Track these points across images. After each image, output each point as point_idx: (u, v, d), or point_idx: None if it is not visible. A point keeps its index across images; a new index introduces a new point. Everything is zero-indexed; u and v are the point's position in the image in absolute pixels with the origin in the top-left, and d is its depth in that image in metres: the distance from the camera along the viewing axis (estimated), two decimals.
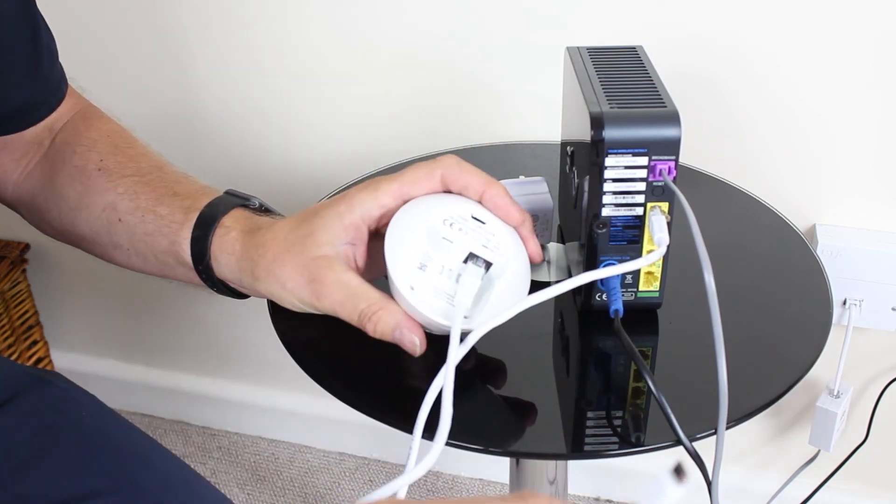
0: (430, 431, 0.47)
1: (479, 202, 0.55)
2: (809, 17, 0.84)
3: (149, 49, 1.06)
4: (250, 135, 1.09)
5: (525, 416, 0.55)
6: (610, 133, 0.54)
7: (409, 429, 0.49)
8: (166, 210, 0.59)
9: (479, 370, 0.58)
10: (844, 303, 0.95)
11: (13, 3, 0.60)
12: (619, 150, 0.55)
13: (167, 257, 0.60)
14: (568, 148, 0.66)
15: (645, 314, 0.62)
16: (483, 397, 0.57)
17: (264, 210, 0.61)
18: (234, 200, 0.59)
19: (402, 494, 0.40)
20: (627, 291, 0.60)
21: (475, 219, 0.54)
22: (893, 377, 1.01)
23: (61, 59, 0.66)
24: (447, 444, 0.45)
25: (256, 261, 0.55)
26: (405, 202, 0.54)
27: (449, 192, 0.55)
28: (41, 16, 0.63)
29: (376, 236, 0.55)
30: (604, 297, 0.60)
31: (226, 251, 0.57)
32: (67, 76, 0.68)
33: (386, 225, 0.54)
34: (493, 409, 0.56)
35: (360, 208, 0.53)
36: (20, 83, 0.63)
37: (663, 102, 0.56)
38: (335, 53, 0.99)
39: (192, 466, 0.67)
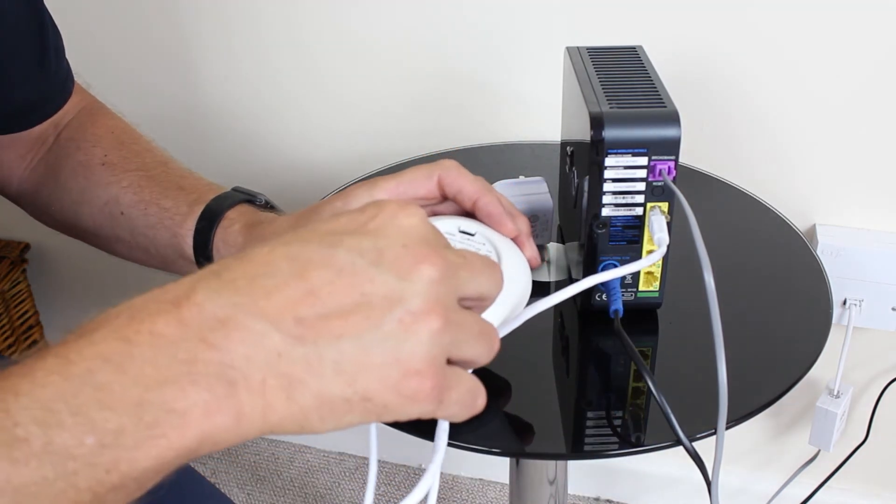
0: (430, 432, 0.47)
1: (472, 210, 0.53)
2: (810, 16, 0.84)
3: (153, 47, 1.06)
4: (253, 132, 1.09)
5: (525, 416, 0.55)
6: (610, 133, 0.54)
7: (409, 429, 0.49)
8: (171, 203, 0.60)
9: (478, 372, 0.58)
10: (844, 303, 0.95)
11: (21, 2, 0.60)
12: (619, 150, 0.55)
13: (168, 250, 0.60)
14: (568, 148, 0.66)
15: (645, 314, 0.62)
16: None
17: (270, 208, 0.61)
18: (240, 196, 0.59)
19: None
20: (627, 291, 0.60)
21: (463, 232, 0.52)
22: (893, 377, 1.01)
23: (67, 55, 0.66)
24: (447, 444, 0.45)
25: None
26: None
27: (444, 197, 0.54)
28: (48, 14, 0.63)
29: None
30: (604, 297, 0.60)
31: (228, 243, 0.57)
32: (73, 72, 0.68)
33: None
34: (493, 409, 0.56)
35: (356, 203, 0.52)
36: (27, 82, 0.63)
37: (663, 102, 0.56)
38: (338, 53, 0.99)
39: (192, 466, 0.67)
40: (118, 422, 0.30)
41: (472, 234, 0.52)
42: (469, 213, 0.55)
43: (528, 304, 0.49)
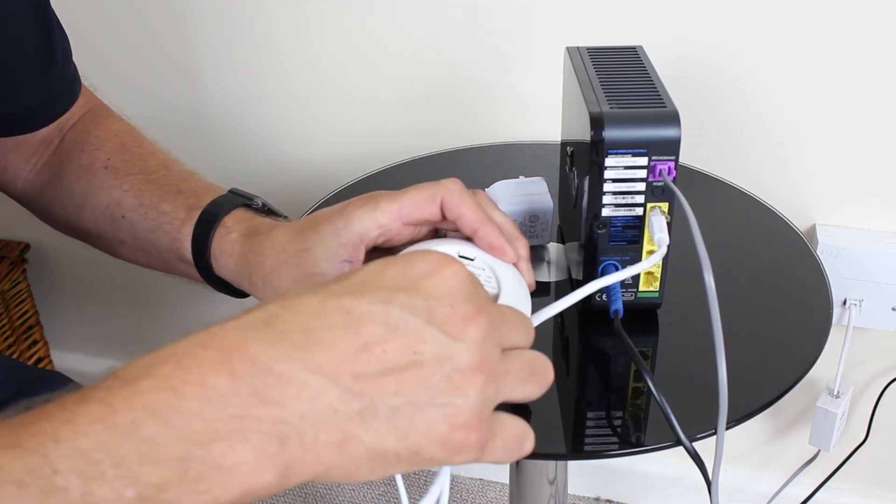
0: None
1: (472, 237, 0.52)
2: (810, 16, 0.84)
3: (158, 47, 1.06)
4: (255, 132, 1.09)
5: (524, 415, 0.55)
6: (610, 133, 0.54)
7: None
8: (169, 207, 0.59)
9: None
10: (844, 303, 0.95)
11: (28, 5, 0.60)
12: (619, 150, 0.55)
13: (169, 254, 0.60)
14: (568, 148, 0.67)
15: (645, 314, 0.62)
16: None
17: (267, 210, 0.61)
18: (236, 200, 0.59)
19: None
20: (627, 291, 0.60)
21: (462, 257, 0.51)
22: (893, 377, 1.01)
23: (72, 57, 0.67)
24: None
25: (254, 268, 0.55)
26: (404, 224, 0.52)
27: (444, 218, 0.53)
28: (55, 17, 0.63)
29: (372, 251, 0.53)
30: (604, 297, 0.60)
31: (225, 252, 0.57)
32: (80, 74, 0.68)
33: (384, 243, 0.52)
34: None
35: (358, 226, 0.51)
36: (34, 84, 0.63)
37: (663, 102, 0.56)
38: (340, 53, 0.99)
39: None
40: (161, 476, 0.30)
41: (472, 259, 0.51)
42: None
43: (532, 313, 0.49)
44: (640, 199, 0.56)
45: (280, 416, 0.32)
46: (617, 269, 0.58)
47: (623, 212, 0.57)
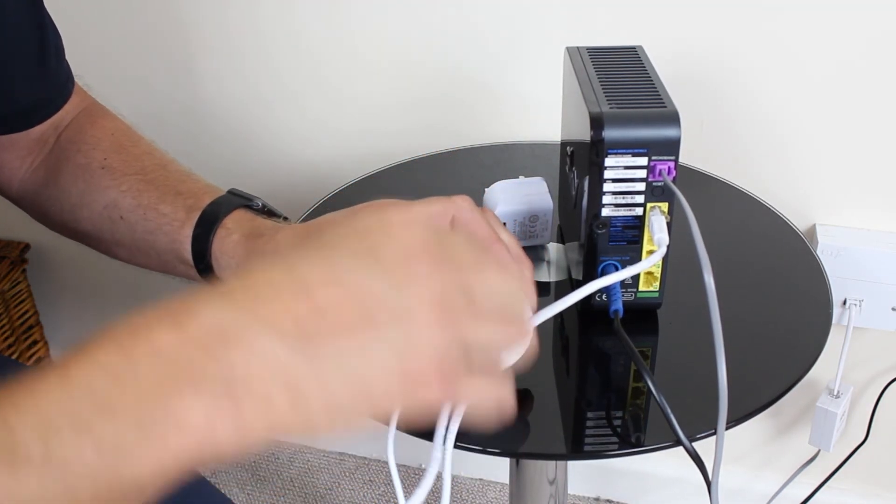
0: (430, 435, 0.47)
1: None
2: (810, 16, 0.84)
3: (153, 46, 1.06)
4: (253, 132, 1.09)
5: (524, 410, 0.55)
6: (610, 133, 0.54)
7: (409, 429, 0.49)
8: (169, 208, 0.59)
9: None
10: (844, 303, 0.95)
11: (21, 3, 0.60)
12: (619, 150, 0.55)
13: (168, 255, 0.60)
14: (568, 148, 0.67)
15: (645, 314, 0.62)
16: None
17: (267, 211, 0.61)
18: (236, 201, 0.59)
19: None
20: (627, 291, 0.60)
21: None
22: (893, 377, 1.01)
23: (66, 55, 0.66)
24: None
25: None
26: None
27: None
28: (48, 15, 0.63)
29: None
30: (604, 297, 0.60)
31: (227, 254, 0.56)
32: (73, 73, 0.68)
33: None
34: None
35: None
36: (28, 83, 0.63)
37: (663, 102, 0.56)
38: (339, 53, 0.99)
39: None
40: (118, 431, 0.30)
41: None
42: None
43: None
44: (640, 199, 0.56)
45: (229, 374, 0.32)
46: (617, 269, 0.58)
47: (623, 212, 0.57)
